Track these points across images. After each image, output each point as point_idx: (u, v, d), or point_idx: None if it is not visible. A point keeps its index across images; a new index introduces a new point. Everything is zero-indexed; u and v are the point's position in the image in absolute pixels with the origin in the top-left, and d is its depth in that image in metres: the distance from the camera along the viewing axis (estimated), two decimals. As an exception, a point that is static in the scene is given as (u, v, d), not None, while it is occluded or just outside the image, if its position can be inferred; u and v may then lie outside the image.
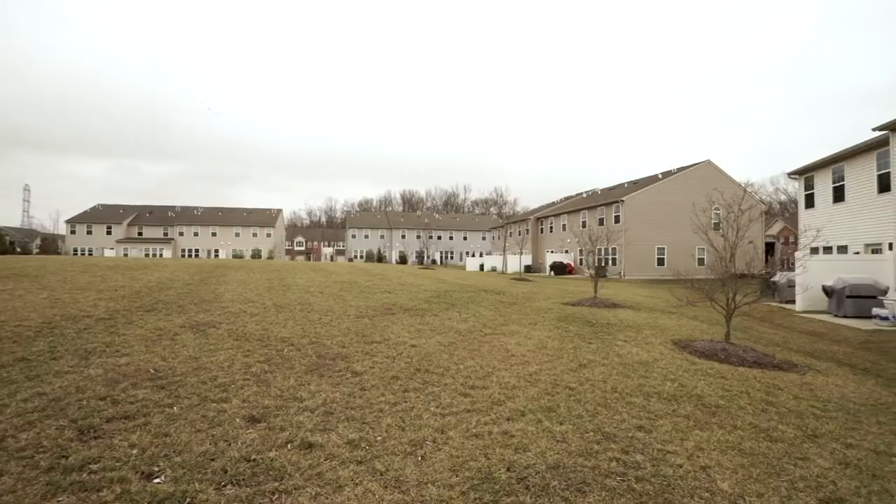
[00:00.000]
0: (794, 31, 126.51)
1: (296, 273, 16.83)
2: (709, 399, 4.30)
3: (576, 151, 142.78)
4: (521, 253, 31.64)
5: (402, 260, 62.77)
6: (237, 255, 57.22)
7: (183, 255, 59.19)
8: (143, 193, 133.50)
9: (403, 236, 72.21)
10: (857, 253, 16.53)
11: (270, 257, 56.85)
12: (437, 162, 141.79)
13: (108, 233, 58.82)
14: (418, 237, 66.10)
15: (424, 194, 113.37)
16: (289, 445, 2.96)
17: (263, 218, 67.03)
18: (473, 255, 53.22)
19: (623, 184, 42.12)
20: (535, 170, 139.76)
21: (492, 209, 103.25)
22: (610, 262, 32.75)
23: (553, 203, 51.61)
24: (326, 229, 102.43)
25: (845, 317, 12.47)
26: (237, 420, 3.31)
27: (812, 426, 3.80)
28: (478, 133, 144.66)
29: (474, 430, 3.35)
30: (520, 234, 45.70)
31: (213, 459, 2.72)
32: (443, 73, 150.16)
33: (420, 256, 58.24)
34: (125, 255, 52.79)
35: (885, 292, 12.44)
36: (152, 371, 4.33)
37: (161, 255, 55.56)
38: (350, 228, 73.15)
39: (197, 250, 61.18)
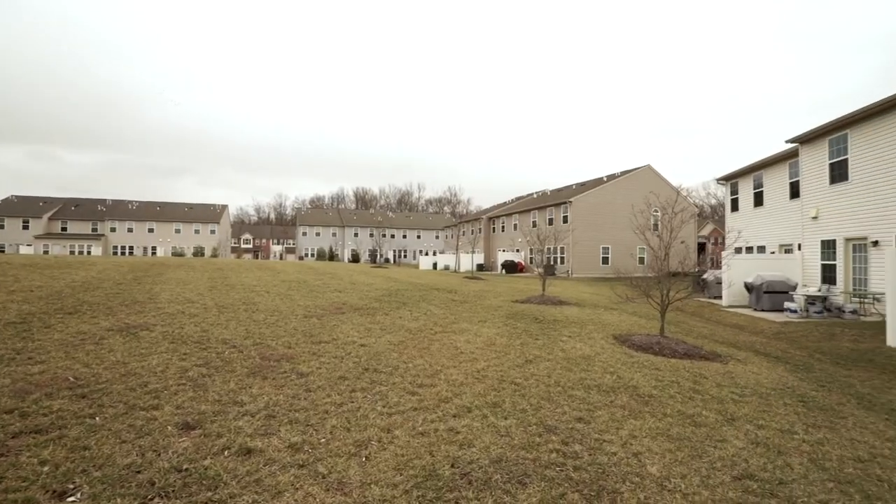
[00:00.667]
0: (728, 52, 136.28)
1: (241, 272, 16.12)
2: (643, 389, 4.57)
3: (527, 153, 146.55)
4: (474, 252, 32.05)
5: (355, 258, 61.73)
6: (177, 253, 53.87)
7: (115, 253, 54.88)
8: (67, 186, 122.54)
9: (356, 234, 71.07)
10: (773, 253, 18.11)
11: (215, 255, 54.00)
12: (391, 160, 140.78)
13: (25, 227, 53.35)
14: (371, 235, 65.29)
15: (378, 192, 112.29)
16: (226, 452, 2.84)
17: (207, 214, 63.50)
18: (427, 254, 53.26)
19: (571, 185, 43.72)
20: (487, 170, 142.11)
21: (445, 208, 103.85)
22: (558, 260, 33.91)
23: (505, 203, 52.68)
24: (276, 226, 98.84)
25: (763, 310, 13.65)
26: (169, 428, 3.13)
27: (731, 410, 4.14)
28: (432, 132, 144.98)
29: (420, 428, 3.37)
30: (472, 234, 46.25)
31: (138, 472, 2.55)
32: (397, 71, 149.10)
33: (373, 255, 57.51)
34: (45, 252, 48.22)
35: (794, 288, 13.74)
36: (71, 379, 4.00)
37: (89, 253, 51.23)
38: (301, 226, 70.99)
39: (131, 248, 57.00)
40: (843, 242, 13.78)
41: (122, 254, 54.49)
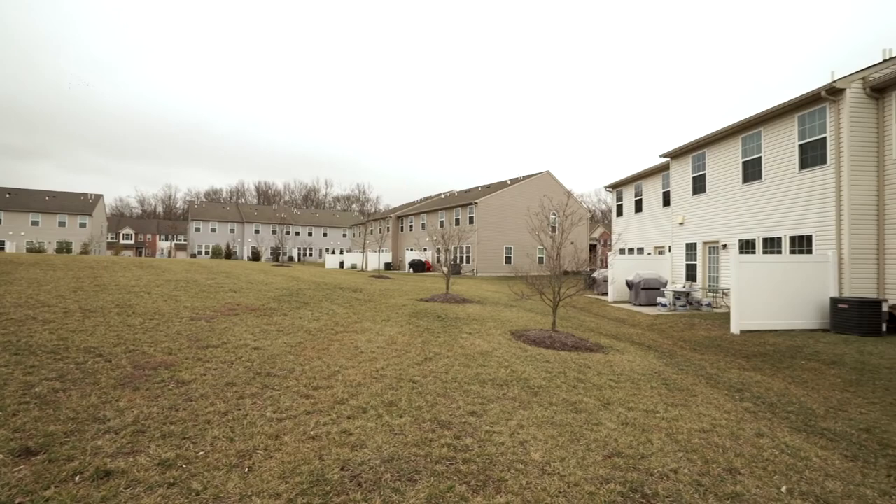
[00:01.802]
0: (627, 63, 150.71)
1: (116, 270, 14.22)
2: (533, 381, 4.88)
3: (438, 154, 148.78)
4: (382, 251, 31.78)
5: (255, 257, 57.76)
6: (35, 249, 45.95)
7: (-56, 248, 45.34)
8: None
9: (257, 231, 66.60)
10: (650, 254, 20.47)
11: (85, 252, 46.88)
12: (297, 154, 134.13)
13: None
14: (274, 233, 61.43)
15: (283, 187, 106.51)
16: (77, 478, 2.48)
17: (75, 204, 54.90)
18: (334, 253, 51.69)
19: (478, 187, 45.28)
20: (398, 169, 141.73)
21: (354, 206, 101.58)
22: (464, 260, 34.95)
23: (414, 202, 52.97)
24: (164, 221, 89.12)
25: (641, 305, 15.35)
26: (0, 457, 2.66)
27: (607, 396, 4.59)
28: (342, 127, 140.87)
29: (312, 432, 3.26)
30: (381, 232, 45.83)
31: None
32: (306, 61, 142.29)
33: (275, 253, 54.32)
34: None
35: (665, 285, 15.65)
36: None
37: None
38: (194, 220, 64.72)
39: (-33, 242, 47.52)
40: (702, 245, 16.00)
41: (-43, 249, 45.20)
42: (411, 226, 44.15)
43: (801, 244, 12.09)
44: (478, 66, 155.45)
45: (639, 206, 22.05)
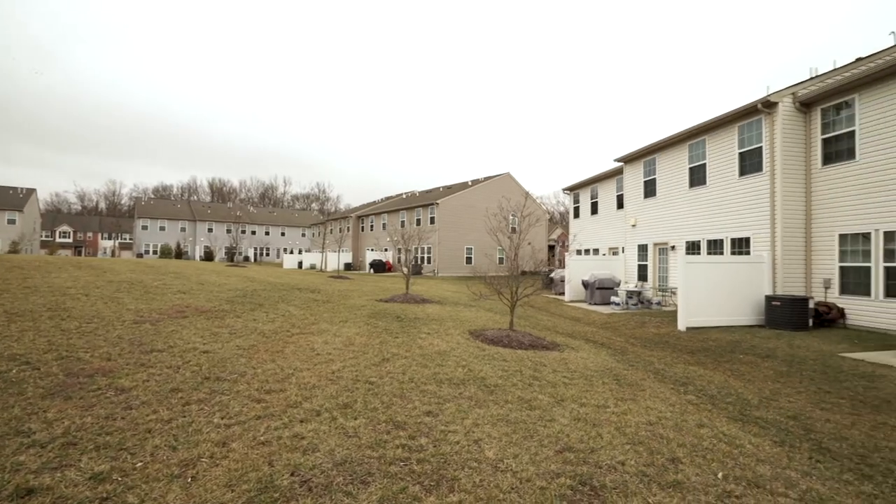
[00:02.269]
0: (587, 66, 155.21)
1: (50, 270, 13.21)
2: (490, 380, 4.94)
3: (400, 154, 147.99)
4: (342, 251, 31.26)
5: (208, 256, 55.38)
6: (-48, 248, 42.02)
7: None
8: None
9: (210, 230, 63.84)
10: (605, 255, 21.21)
11: (14, 251, 43.30)
12: (254, 150, 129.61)
13: None
14: (229, 231, 59.10)
15: (238, 184, 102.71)
16: (-5, 495, 2.29)
17: (4, 198, 50.76)
18: (292, 253, 50.35)
19: (439, 188, 45.41)
20: (359, 168, 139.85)
21: (313, 205, 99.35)
22: (425, 260, 34.95)
23: (375, 202, 52.50)
24: (107, 218, 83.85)
25: (596, 304, 15.88)
26: None
27: (561, 393, 4.71)
28: (302, 125, 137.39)
29: (262, 438, 3.16)
30: (341, 232, 45.09)
31: None
32: (262, 54, 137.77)
33: (230, 253, 52.24)
34: None
35: (618, 284, 16.27)
36: None
37: None
38: (141, 218, 61.25)
39: None
40: (653, 246, 16.75)
41: None
42: (372, 226, 43.69)
43: (741, 246, 12.89)
44: (440, 68, 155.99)
45: (594, 209, 22.81)
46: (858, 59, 12.37)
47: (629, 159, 18.18)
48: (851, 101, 10.84)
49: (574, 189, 24.80)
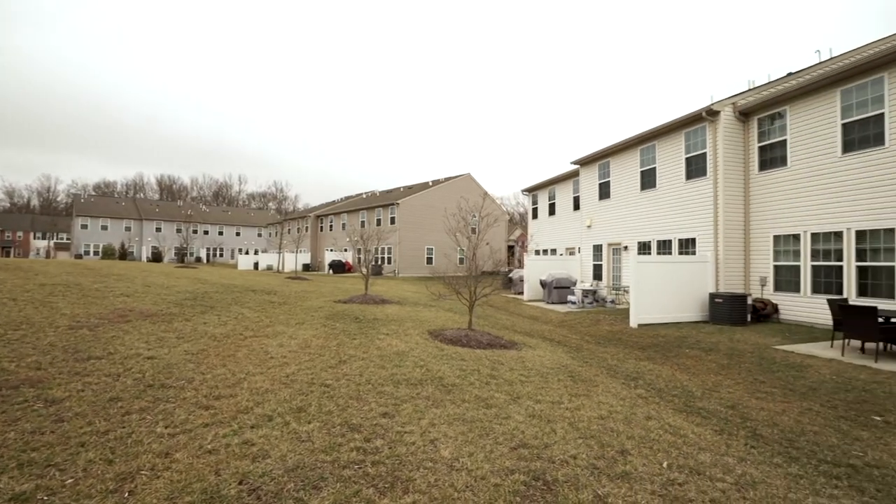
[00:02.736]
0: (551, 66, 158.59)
1: (-30, 274, 12.11)
2: (448, 380, 4.96)
3: (360, 153, 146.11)
4: (300, 251, 30.49)
5: (156, 257, 52.44)
6: None
7: None
8: None
9: (159, 229, 60.59)
10: (562, 255, 21.78)
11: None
12: (207, 145, 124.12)
13: None
14: (179, 231, 56.36)
15: (190, 182, 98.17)
16: None
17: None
18: (247, 253, 48.65)
19: (399, 188, 45.22)
20: (318, 167, 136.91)
21: (270, 204, 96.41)
22: (386, 260, 34.69)
23: (334, 202, 51.61)
24: (40, 217, 77.93)
25: (553, 303, 16.29)
26: None
27: (517, 391, 4.79)
28: (259, 121, 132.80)
29: (209, 446, 3.03)
30: (299, 232, 44.00)
31: None
32: (218, 47, 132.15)
33: (180, 253, 49.78)
34: None
35: (575, 284, 16.76)
36: None
37: None
38: (80, 216, 57.25)
39: None
40: (607, 247, 17.37)
41: None
42: (331, 226, 42.91)
43: (688, 246, 13.59)
44: (402, 68, 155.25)
45: (552, 210, 23.38)
46: (790, 74, 13.34)
47: (585, 162, 18.76)
48: (783, 112, 11.68)
49: (533, 190, 25.32)
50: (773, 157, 11.96)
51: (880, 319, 7.55)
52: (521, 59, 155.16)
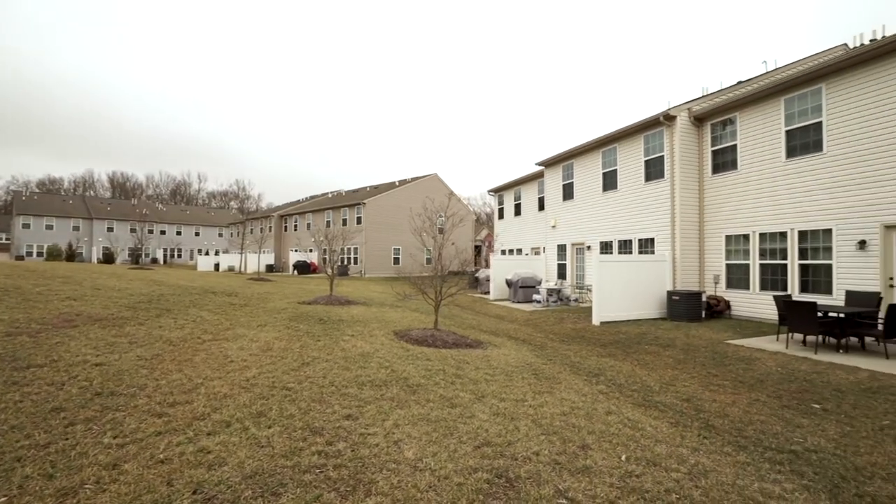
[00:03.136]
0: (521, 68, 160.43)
1: None
2: (413, 380, 4.95)
3: (326, 152, 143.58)
4: (263, 251, 29.68)
5: (108, 258, 49.74)
6: None
7: None
8: None
9: (111, 229, 57.53)
10: (528, 254, 22.14)
11: None
12: (164, 142, 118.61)
13: None
14: (133, 231, 53.68)
15: (145, 180, 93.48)
16: None
17: None
18: (208, 254, 46.91)
19: (366, 187, 44.79)
20: (282, 165, 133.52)
21: (232, 203, 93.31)
22: (352, 261, 34.26)
23: (299, 201, 50.58)
24: (-27, 215, 72.35)
25: (519, 302, 16.52)
26: None
27: (482, 389, 4.83)
28: (220, 117, 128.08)
29: (161, 455, 2.90)
30: (262, 232, 42.82)
31: None
32: (177, 36, 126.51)
33: (135, 254, 47.36)
34: None
35: (540, 283, 17.07)
36: None
37: None
38: (21, 215, 53.60)
39: None
40: (571, 246, 17.78)
41: None
42: (296, 225, 41.98)
43: (647, 246, 14.10)
44: (369, 67, 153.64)
45: (518, 210, 23.73)
46: (739, 83, 14.06)
47: (550, 163, 19.14)
48: (734, 118, 12.30)
49: (499, 191, 25.61)
50: (725, 160, 12.57)
51: (819, 314, 8.07)
52: (488, 61, 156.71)
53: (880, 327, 7.83)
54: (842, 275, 9.81)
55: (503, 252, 23.44)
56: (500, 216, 25.71)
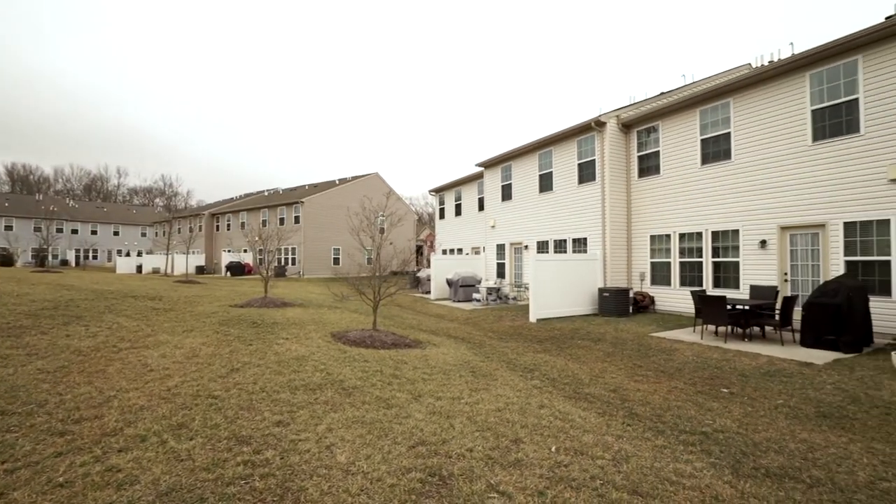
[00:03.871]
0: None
1: None
2: (349, 382, 4.85)
3: (261, 148, 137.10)
4: (193, 252, 27.83)
5: (6, 261, 44.26)
6: None
7: None
8: None
9: (9, 227, 51.22)
10: (468, 254, 22.48)
11: None
12: (75, 131, 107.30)
13: None
14: (38, 230, 48.13)
15: (53, 173, 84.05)
16: None
17: None
18: (129, 255, 43.26)
19: (304, 185, 43.37)
20: (213, 161, 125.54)
21: (157, 200, 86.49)
22: (290, 261, 33.03)
23: (232, 199, 47.97)
24: None
25: (459, 301, 16.73)
26: None
27: (419, 389, 4.84)
28: (143, 105, 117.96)
29: (60, 479, 2.63)
30: (191, 231, 40.12)
31: None
32: (93, 13, 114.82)
33: (40, 256, 42.53)
34: None
35: (480, 282, 17.40)
36: None
37: None
38: None
39: None
40: (509, 246, 18.27)
41: None
42: (229, 225, 39.77)
43: (580, 245, 14.80)
44: (308, 63, 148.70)
45: (458, 210, 24.02)
46: (662, 93, 15.15)
47: (489, 165, 19.54)
48: (657, 126, 13.24)
49: (440, 191, 25.78)
50: (649, 165, 13.48)
51: (728, 307, 8.88)
52: (432, 63, 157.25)
53: (777, 317, 8.75)
54: (747, 271, 10.86)
55: (444, 252, 23.62)
56: (441, 216, 25.88)
